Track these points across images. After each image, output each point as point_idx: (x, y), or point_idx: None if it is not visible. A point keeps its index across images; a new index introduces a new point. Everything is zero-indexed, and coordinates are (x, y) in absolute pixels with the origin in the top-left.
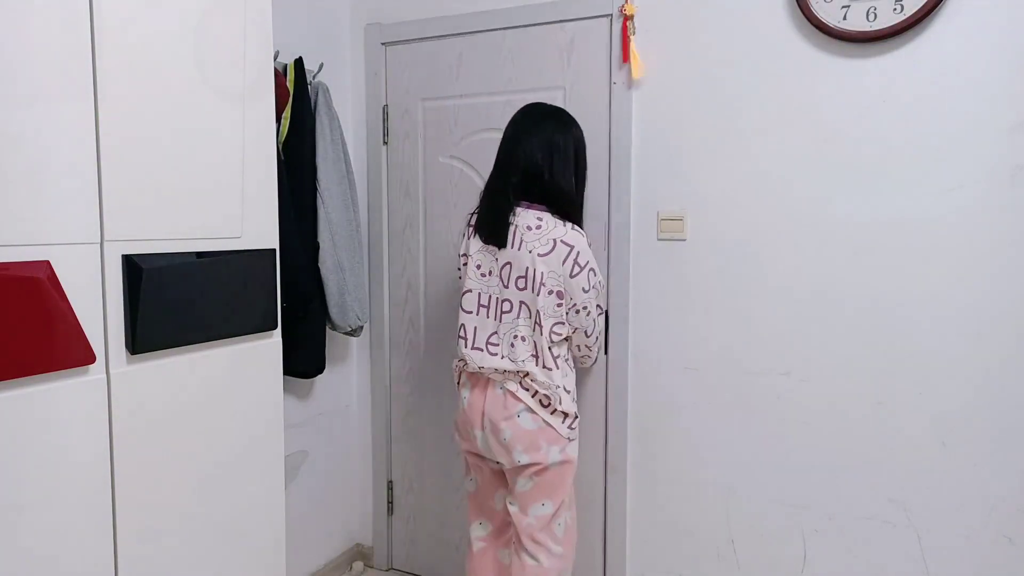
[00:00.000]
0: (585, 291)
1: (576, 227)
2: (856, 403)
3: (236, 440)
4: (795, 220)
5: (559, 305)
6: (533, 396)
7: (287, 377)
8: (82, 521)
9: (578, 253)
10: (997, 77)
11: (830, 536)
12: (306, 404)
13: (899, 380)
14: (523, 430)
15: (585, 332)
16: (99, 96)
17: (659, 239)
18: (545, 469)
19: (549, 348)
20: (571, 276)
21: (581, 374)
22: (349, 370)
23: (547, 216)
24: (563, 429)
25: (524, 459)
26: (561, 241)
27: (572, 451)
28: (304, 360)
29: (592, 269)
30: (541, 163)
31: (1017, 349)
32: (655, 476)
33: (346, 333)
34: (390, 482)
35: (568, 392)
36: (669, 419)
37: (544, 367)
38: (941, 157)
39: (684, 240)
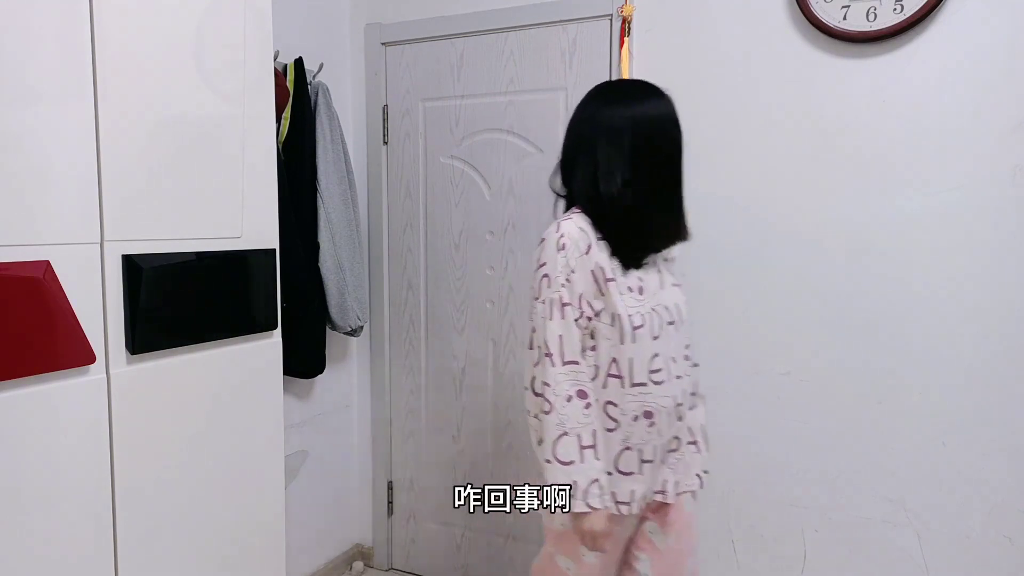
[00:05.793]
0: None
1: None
2: (856, 403)
3: (236, 440)
4: (795, 220)
5: None
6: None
7: (287, 377)
8: (82, 521)
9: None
10: (997, 77)
11: (830, 536)
12: (306, 404)
13: (899, 380)
14: None
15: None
16: (99, 96)
17: None
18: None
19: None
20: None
21: None
22: (349, 370)
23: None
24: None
25: None
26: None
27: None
28: (304, 360)
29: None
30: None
31: (1017, 349)
32: None
33: (346, 333)
34: (390, 482)
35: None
36: None
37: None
38: (941, 157)
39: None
